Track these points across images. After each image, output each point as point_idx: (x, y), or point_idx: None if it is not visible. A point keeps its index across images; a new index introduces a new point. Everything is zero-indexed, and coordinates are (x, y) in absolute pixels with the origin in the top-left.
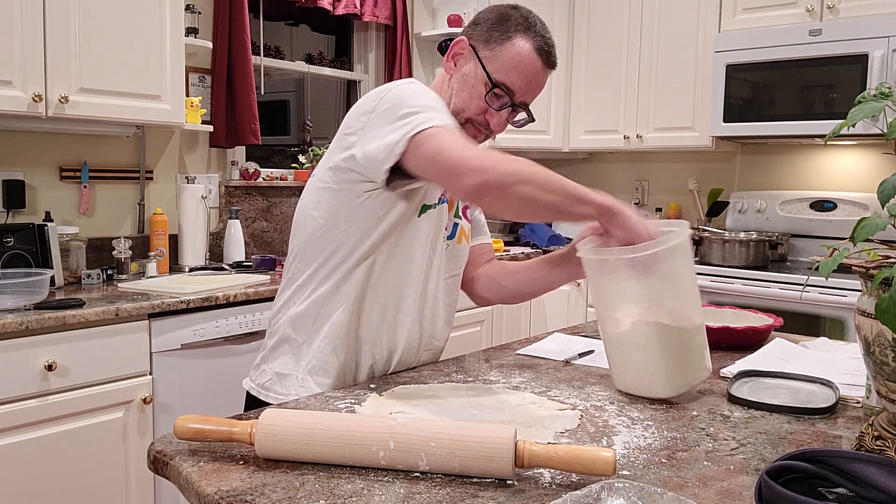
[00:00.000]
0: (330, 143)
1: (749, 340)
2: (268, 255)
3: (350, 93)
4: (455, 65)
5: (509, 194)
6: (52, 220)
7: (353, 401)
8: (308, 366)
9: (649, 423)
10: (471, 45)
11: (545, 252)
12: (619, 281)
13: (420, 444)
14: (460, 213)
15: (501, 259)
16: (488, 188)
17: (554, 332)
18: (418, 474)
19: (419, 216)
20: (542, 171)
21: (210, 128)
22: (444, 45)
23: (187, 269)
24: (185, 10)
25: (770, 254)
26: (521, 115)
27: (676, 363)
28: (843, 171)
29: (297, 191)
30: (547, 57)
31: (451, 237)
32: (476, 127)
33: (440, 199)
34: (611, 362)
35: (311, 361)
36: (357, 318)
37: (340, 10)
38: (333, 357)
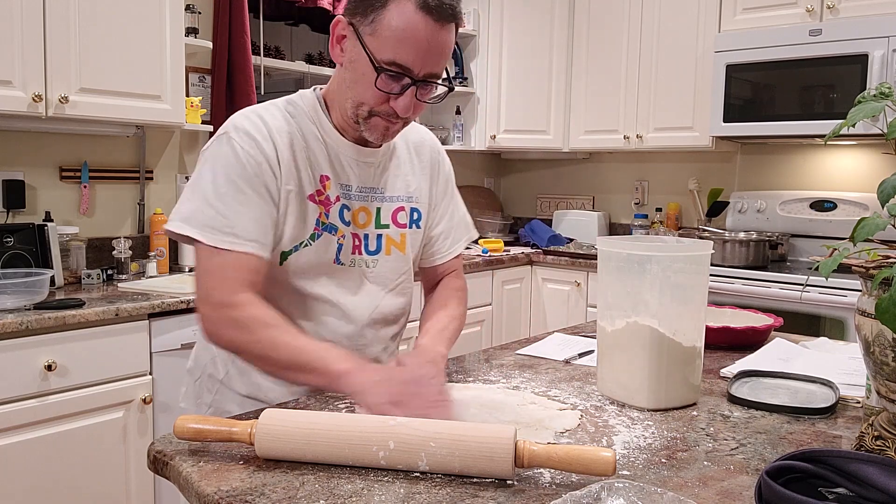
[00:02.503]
0: None
1: (749, 340)
2: None
3: None
4: (342, 51)
5: (236, 355)
6: (52, 220)
7: (353, 401)
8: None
9: (649, 423)
10: (350, 23)
11: (545, 252)
12: (632, 279)
13: (420, 444)
14: (388, 223)
15: (499, 256)
16: (216, 345)
17: (554, 332)
18: (418, 474)
19: (281, 264)
20: (258, 343)
21: (210, 128)
22: None
23: (187, 269)
24: (185, 10)
25: (770, 254)
26: (439, 90)
27: (661, 376)
28: (843, 171)
29: None
30: (438, 11)
31: (375, 252)
32: (385, 118)
33: (314, 234)
34: (599, 362)
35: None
36: None
37: (340, 10)
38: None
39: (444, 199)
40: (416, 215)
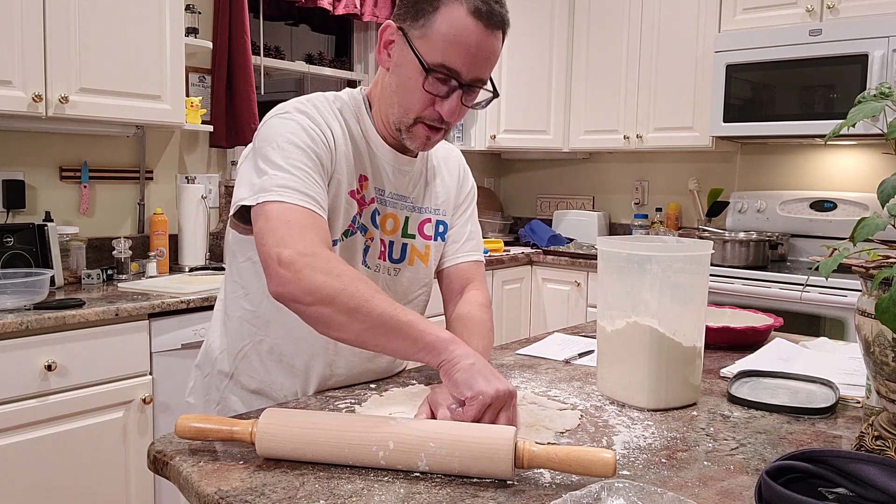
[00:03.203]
0: None
1: (749, 340)
2: None
3: None
4: (389, 55)
5: (306, 313)
6: (52, 220)
7: (353, 401)
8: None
9: (649, 423)
10: (399, 27)
11: (545, 252)
12: (632, 279)
13: (420, 444)
14: (414, 233)
15: (499, 256)
16: (285, 300)
17: (554, 332)
18: (418, 474)
19: None
20: (355, 293)
21: (210, 128)
22: None
23: (187, 269)
24: (185, 10)
25: (770, 254)
26: (483, 95)
27: (661, 376)
28: (843, 171)
29: None
30: (488, 18)
31: (398, 260)
32: (428, 126)
33: (348, 230)
34: (599, 362)
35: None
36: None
37: (340, 10)
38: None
39: (463, 208)
40: (441, 228)
